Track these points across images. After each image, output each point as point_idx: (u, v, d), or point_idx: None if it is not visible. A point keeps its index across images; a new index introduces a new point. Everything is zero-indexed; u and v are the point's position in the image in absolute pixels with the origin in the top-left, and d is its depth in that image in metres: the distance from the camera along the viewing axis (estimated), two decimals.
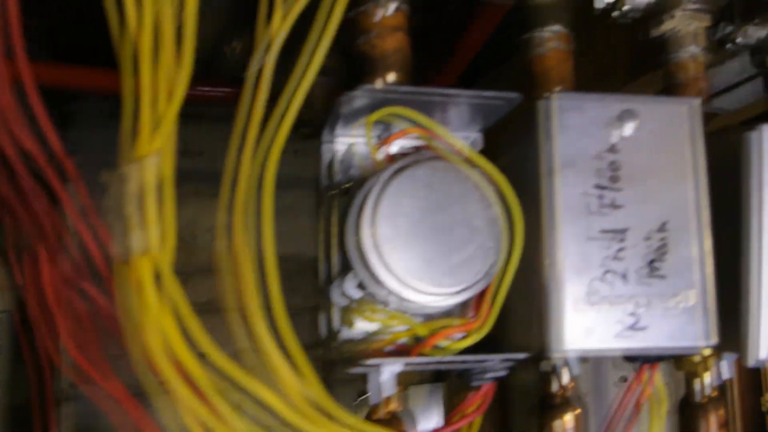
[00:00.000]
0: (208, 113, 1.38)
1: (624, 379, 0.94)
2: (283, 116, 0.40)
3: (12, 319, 0.78)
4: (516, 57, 0.62)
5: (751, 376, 1.25)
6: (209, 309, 0.39)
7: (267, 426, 0.36)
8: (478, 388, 0.43)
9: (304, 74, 0.40)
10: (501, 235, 0.43)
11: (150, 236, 0.34)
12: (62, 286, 0.42)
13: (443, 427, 0.42)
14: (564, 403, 0.56)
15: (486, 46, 0.88)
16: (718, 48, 0.71)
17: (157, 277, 0.36)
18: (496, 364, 0.43)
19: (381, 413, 0.49)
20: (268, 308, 0.39)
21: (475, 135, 0.51)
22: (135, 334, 0.37)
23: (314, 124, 0.79)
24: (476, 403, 0.43)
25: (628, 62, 0.84)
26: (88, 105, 1.30)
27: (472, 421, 0.44)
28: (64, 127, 1.26)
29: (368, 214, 0.41)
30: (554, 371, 0.53)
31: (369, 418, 0.50)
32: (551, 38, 0.58)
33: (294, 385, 0.36)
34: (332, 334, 0.47)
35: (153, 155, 0.33)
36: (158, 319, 0.36)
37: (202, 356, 0.36)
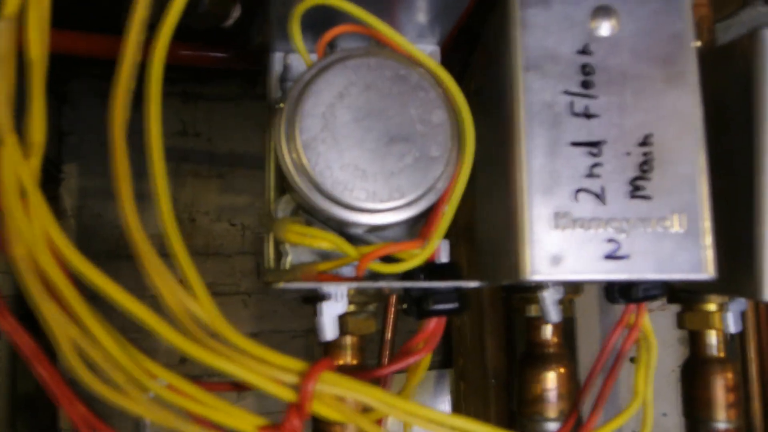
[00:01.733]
0: (206, 93, 1.35)
1: None
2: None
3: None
4: None
5: None
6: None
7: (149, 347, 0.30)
8: (427, 322, 0.37)
9: None
10: (448, 142, 0.36)
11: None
12: None
13: (385, 366, 0.36)
14: (549, 358, 0.49)
15: None
16: None
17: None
18: (447, 295, 0.36)
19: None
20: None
21: (432, 48, 0.45)
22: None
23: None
24: (422, 340, 0.36)
25: None
26: (84, 85, 1.27)
27: (419, 360, 0.37)
28: (60, 106, 1.23)
29: (287, 119, 0.35)
30: (542, 314, 0.46)
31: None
32: None
33: (178, 301, 0.30)
34: (267, 267, 0.41)
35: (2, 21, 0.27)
36: (23, 226, 0.30)
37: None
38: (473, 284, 0.37)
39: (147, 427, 0.80)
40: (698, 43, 0.42)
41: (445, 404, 1.34)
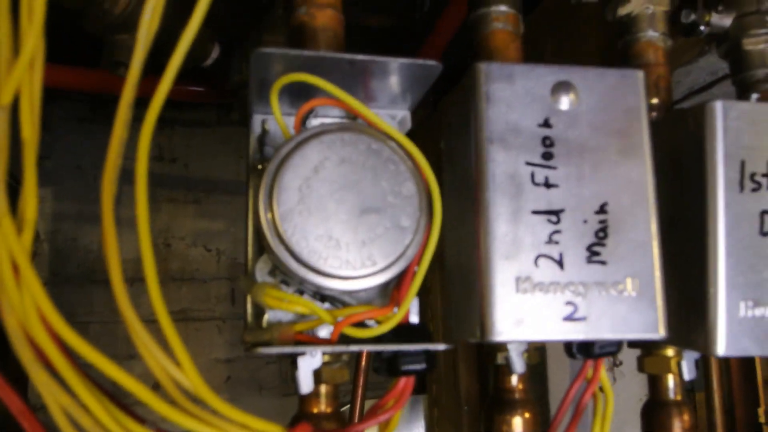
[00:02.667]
0: (181, 118, 1.36)
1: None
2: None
3: None
4: None
5: (746, 389, 1.20)
6: (183, 318, 0.36)
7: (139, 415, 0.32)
8: (397, 381, 0.39)
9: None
10: (417, 213, 0.39)
11: None
12: None
13: (356, 425, 0.38)
14: (515, 404, 0.52)
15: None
16: (684, 38, 0.68)
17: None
18: (416, 356, 0.39)
19: (308, 413, 0.45)
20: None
21: (404, 113, 0.47)
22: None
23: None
24: (393, 398, 0.38)
25: (598, 52, 0.81)
26: (62, 108, 1.28)
27: (389, 419, 0.39)
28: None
29: (266, 191, 0.37)
30: (507, 363, 0.49)
31: (296, 417, 0.46)
32: (497, 18, 0.55)
33: (166, 371, 0.32)
34: (248, 324, 0.43)
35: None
36: (14, 299, 0.32)
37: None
38: (441, 347, 0.39)
39: None
40: (652, 116, 0.45)
41: (419, 430, 1.37)
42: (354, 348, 0.38)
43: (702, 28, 0.65)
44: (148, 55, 0.73)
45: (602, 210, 0.42)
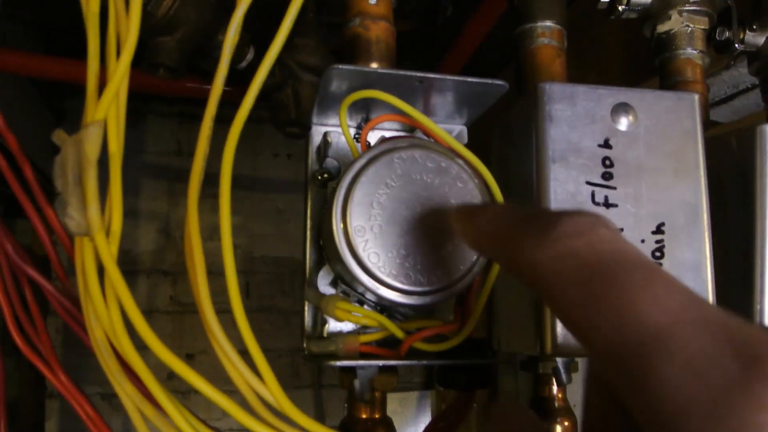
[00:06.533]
0: (201, 114, 1.36)
1: None
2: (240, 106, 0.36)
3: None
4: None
5: None
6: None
7: (215, 426, 0.32)
8: (462, 393, 0.40)
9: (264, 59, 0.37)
10: None
11: (90, 217, 0.30)
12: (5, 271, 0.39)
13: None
14: (556, 412, 0.53)
15: (490, 49, 0.87)
16: (716, 54, 0.69)
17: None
18: (478, 372, 0.39)
19: (357, 418, 0.46)
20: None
21: (460, 128, 0.48)
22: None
23: (302, 124, 0.76)
24: (456, 409, 0.39)
25: (625, 67, 0.81)
26: (80, 103, 1.27)
27: (454, 428, 0.40)
28: (58, 123, 1.23)
29: (339, 206, 0.38)
30: (554, 373, 0.50)
31: (346, 422, 0.46)
32: (543, 34, 0.56)
33: (249, 385, 0.32)
34: (306, 332, 0.44)
35: (94, 125, 0.29)
36: (101, 311, 0.32)
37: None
38: (502, 362, 0.40)
39: None
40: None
41: (426, 424, 1.38)
42: (424, 362, 0.39)
43: (736, 45, 0.66)
44: (186, 57, 0.73)
45: (659, 230, 0.43)
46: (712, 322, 0.17)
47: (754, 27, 0.67)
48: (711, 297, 0.43)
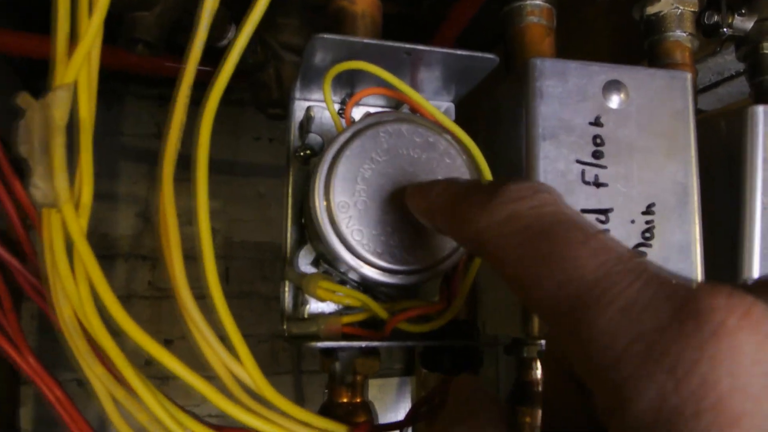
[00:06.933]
0: None
1: None
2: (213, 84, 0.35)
3: None
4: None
5: None
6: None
7: (192, 412, 0.31)
8: (446, 377, 0.39)
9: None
10: None
11: (57, 187, 0.29)
12: None
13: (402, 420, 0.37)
14: (536, 396, 0.52)
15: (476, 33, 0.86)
16: (704, 38, 0.68)
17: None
18: (464, 353, 0.38)
19: (338, 403, 0.45)
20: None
21: (448, 104, 0.47)
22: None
23: (284, 104, 0.74)
24: (440, 393, 0.38)
25: (613, 50, 0.81)
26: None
27: (437, 413, 0.39)
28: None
29: (322, 180, 0.36)
30: (539, 357, 0.49)
31: (326, 406, 0.45)
32: (532, 12, 0.54)
33: (227, 368, 0.31)
34: (286, 313, 0.42)
35: (62, 88, 0.28)
36: (70, 289, 0.30)
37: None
38: (488, 344, 0.39)
39: None
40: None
41: (406, 411, 1.37)
42: (409, 343, 0.38)
43: (724, 30, 0.66)
44: (165, 33, 0.71)
45: (649, 211, 0.42)
46: (643, 272, 0.18)
47: (743, 11, 0.66)
48: (700, 278, 0.42)
